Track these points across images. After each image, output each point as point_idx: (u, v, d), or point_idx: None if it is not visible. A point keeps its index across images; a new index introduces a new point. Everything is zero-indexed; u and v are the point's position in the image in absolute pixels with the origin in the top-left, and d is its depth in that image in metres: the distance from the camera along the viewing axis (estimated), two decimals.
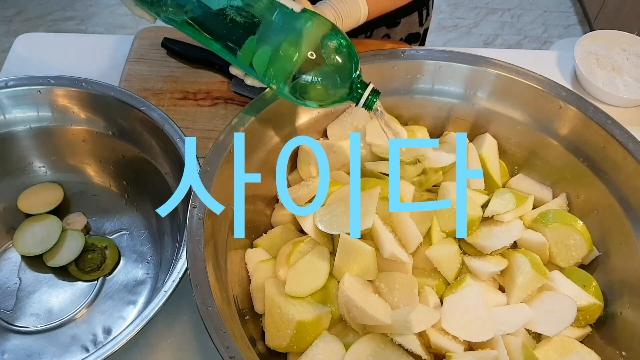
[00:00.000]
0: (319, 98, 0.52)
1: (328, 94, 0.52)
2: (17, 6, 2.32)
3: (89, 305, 0.67)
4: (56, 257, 0.70)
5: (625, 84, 0.87)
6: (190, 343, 0.62)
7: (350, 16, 0.63)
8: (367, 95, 0.53)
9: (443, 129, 0.74)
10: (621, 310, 0.59)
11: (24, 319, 0.66)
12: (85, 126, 0.72)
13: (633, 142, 0.61)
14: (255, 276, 0.61)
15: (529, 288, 0.59)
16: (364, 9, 0.64)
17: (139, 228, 0.74)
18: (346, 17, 0.63)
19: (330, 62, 0.50)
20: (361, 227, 0.59)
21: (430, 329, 0.55)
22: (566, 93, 0.65)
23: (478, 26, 2.29)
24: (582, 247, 0.63)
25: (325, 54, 0.50)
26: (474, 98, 0.70)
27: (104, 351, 0.51)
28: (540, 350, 0.56)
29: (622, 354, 0.56)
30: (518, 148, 0.70)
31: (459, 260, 0.61)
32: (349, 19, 0.63)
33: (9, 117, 0.71)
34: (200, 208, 0.55)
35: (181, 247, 0.59)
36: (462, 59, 0.68)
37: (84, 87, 0.69)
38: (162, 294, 0.55)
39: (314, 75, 0.50)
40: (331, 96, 0.52)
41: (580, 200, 0.66)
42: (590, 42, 0.92)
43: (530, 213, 0.66)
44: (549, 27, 2.31)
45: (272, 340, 0.56)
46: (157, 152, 0.69)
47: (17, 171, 0.75)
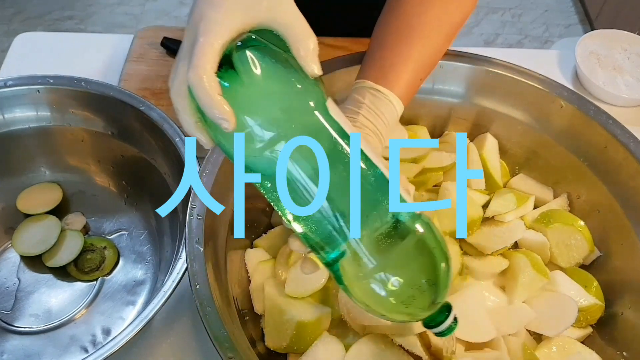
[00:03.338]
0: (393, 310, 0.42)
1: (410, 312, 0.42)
2: (16, 6, 2.32)
3: (88, 305, 0.67)
4: (55, 257, 0.69)
5: (627, 83, 0.87)
6: (189, 344, 0.62)
7: (387, 126, 0.53)
8: (449, 322, 0.43)
9: (443, 129, 0.73)
10: (622, 311, 0.59)
11: (23, 319, 0.66)
12: (85, 126, 0.72)
13: (634, 142, 0.61)
14: (255, 276, 0.61)
15: (529, 288, 0.59)
16: (399, 107, 0.54)
17: (138, 228, 0.73)
18: (384, 131, 0.53)
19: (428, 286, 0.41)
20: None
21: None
22: (567, 92, 0.65)
23: (479, 25, 2.29)
24: (583, 247, 0.62)
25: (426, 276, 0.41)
26: (475, 98, 0.70)
27: (103, 352, 0.51)
28: (541, 351, 0.56)
29: (623, 355, 0.56)
30: (519, 148, 0.70)
31: (459, 261, 0.61)
32: (387, 132, 0.53)
33: (8, 117, 0.71)
34: (199, 208, 0.55)
35: (181, 247, 0.59)
36: (463, 59, 0.68)
37: (83, 86, 0.69)
38: (162, 294, 0.54)
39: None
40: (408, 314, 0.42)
41: (582, 200, 0.66)
42: (591, 41, 0.91)
43: (531, 213, 0.66)
44: (549, 27, 2.30)
45: (271, 341, 0.56)
46: (157, 151, 0.69)
47: (16, 171, 0.74)
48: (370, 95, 0.53)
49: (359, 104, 0.53)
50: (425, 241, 0.41)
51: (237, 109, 0.37)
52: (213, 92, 0.36)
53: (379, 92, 0.53)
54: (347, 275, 0.41)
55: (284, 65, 0.38)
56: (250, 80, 0.38)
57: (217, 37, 0.37)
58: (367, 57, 0.58)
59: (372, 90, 0.53)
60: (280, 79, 0.38)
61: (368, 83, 0.54)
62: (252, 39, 0.39)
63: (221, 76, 0.37)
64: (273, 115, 0.38)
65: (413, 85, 0.56)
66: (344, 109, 0.53)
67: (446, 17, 0.58)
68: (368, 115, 0.52)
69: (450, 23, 0.59)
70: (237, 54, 0.38)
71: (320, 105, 0.39)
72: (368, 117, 0.52)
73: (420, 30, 0.57)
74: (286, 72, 0.38)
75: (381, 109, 0.53)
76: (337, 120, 0.40)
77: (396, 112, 0.54)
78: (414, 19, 0.57)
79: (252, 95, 0.38)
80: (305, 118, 0.38)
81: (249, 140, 0.38)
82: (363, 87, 0.54)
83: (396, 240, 0.40)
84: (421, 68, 0.57)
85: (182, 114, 0.39)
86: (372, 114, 0.52)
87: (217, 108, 0.36)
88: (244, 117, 0.37)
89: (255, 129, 0.37)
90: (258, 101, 0.38)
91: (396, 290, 0.40)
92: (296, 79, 0.38)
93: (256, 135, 0.38)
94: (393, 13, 0.59)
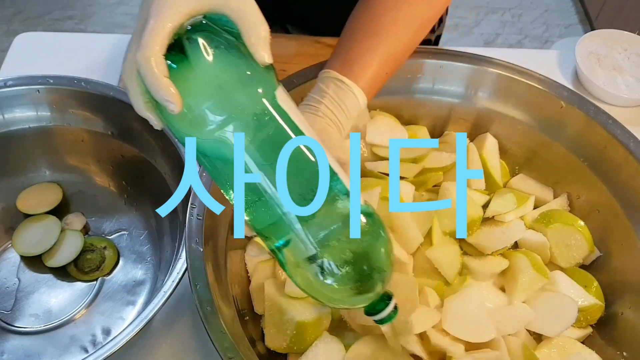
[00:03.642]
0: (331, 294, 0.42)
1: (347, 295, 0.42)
2: (16, 5, 2.32)
3: (88, 305, 0.67)
4: (55, 257, 0.69)
5: (627, 83, 0.87)
6: (189, 344, 0.62)
7: (348, 117, 0.54)
8: (389, 310, 0.44)
9: (443, 129, 0.73)
10: (622, 311, 0.59)
11: (23, 319, 0.66)
12: (85, 126, 0.72)
13: (634, 142, 0.61)
14: (255, 276, 0.61)
15: (529, 288, 0.59)
16: (362, 99, 0.55)
17: (138, 228, 0.73)
18: (345, 122, 0.54)
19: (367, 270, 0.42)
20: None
21: (430, 329, 0.55)
22: (567, 93, 0.65)
23: (479, 25, 2.29)
24: (583, 247, 0.62)
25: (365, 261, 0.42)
26: (475, 98, 0.70)
27: (103, 352, 0.51)
28: (541, 351, 0.56)
29: (623, 355, 0.56)
30: (519, 148, 0.70)
31: (459, 261, 0.61)
32: (348, 123, 0.54)
33: (8, 117, 0.71)
34: (199, 208, 0.55)
35: (180, 247, 0.58)
36: (463, 59, 0.68)
37: (83, 86, 0.69)
38: (162, 294, 0.54)
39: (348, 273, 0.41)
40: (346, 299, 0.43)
41: (581, 200, 0.66)
42: (591, 41, 0.91)
43: (531, 213, 0.66)
44: (549, 27, 2.30)
45: (271, 341, 0.56)
46: (157, 151, 0.69)
47: (16, 171, 0.74)
48: (334, 86, 0.54)
49: (323, 94, 0.53)
50: (366, 231, 0.41)
51: (184, 92, 0.37)
52: (160, 73, 0.36)
53: (343, 84, 0.54)
54: (291, 262, 0.42)
55: (234, 52, 0.39)
56: (199, 64, 0.38)
57: (168, 20, 0.37)
58: (336, 48, 0.59)
59: (336, 81, 0.54)
60: (228, 65, 0.38)
61: (333, 73, 0.54)
62: (203, 24, 0.39)
63: (170, 59, 0.38)
64: (219, 100, 0.38)
65: (378, 79, 0.57)
66: (308, 98, 0.54)
67: (416, 14, 0.58)
68: (330, 105, 0.53)
69: (421, 19, 0.59)
70: (187, 37, 0.38)
71: (268, 93, 0.39)
72: (330, 107, 0.53)
73: (388, 25, 0.57)
74: (236, 58, 0.38)
75: (344, 100, 0.53)
76: (285, 110, 0.40)
77: (359, 104, 0.55)
78: (384, 14, 0.57)
79: (200, 79, 0.38)
80: (253, 105, 0.39)
81: (195, 123, 0.38)
82: (328, 77, 0.55)
83: (338, 230, 0.41)
84: (388, 62, 0.57)
85: (132, 94, 0.40)
86: (334, 105, 0.53)
87: (163, 90, 0.36)
88: (191, 101, 0.38)
89: (201, 112, 0.38)
90: (205, 85, 0.38)
91: (337, 278, 0.41)
92: (246, 65, 0.39)
93: (202, 119, 0.38)
94: (364, 8, 0.59)
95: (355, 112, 0.55)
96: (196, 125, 0.38)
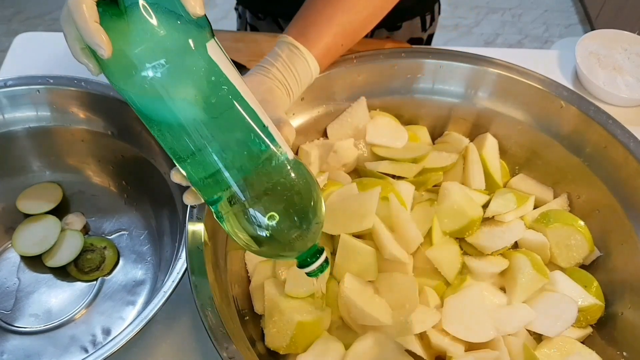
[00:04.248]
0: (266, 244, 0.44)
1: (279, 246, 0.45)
2: (16, 5, 2.32)
3: (88, 305, 0.67)
4: (55, 257, 0.69)
5: (627, 83, 0.87)
6: (189, 344, 0.62)
7: (299, 82, 0.56)
8: (320, 262, 0.47)
9: (443, 129, 0.73)
10: (622, 311, 0.59)
11: (23, 319, 0.66)
12: (85, 126, 0.72)
13: (634, 142, 0.61)
14: (255, 276, 0.61)
15: (529, 288, 0.59)
16: (313, 66, 0.57)
17: (138, 228, 0.73)
18: (295, 86, 0.56)
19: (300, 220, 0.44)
20: (361, 227, 0.59)
21: (430, 329, 0.55)
22: (567, 93, 0.65)
23: (479, 25, 2.29)
24: (583, 247, 0.62)
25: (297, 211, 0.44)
26: (475, 98, 0.70)
27: (103, 352, 0.51)
28: (541, 351, 0.56)
29: (623, 355, 0.56)
30: (519, 148, 0.70)
31: (459, 261, 0.61)
32: (298, 87, 0.57)
33: (8, 117, 0.71)
34: (199, 208, 0.55)
35: (180, 247, 0.59)
36: (463, 59, 0.68)
37: (83, 86, 0.69)
38: (162, 294, 0.54)
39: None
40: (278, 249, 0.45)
41: (581, 200, 0.66)
42: (591, 41, 0.91)
43: (531, 213, 0.66)
44: (549, 27, 2.30)
45: (272, 341, 0.56)
46: (156, 151, 0.69)
47: (16, 171, 0.75)
48: (288, 51, 0.56)
49: (277, 57, 0.56)
50: (295, 181, 0.44)
51: (115, 38, 0.38)
52: (90, 19, 0.38)
53: (297, 50, 0.56)
54: (226, 215, 0.44)
55: (167, 3, 0.40)
56: (130, 12, 0.39)
57: None
58: (296, 15, 0.60)
59: (291, 46, 0.56)
60: (160, 14, 0.39)
61: (289, 39, 0.57)
62: None
63: (102, 6, 0.39)
64: (149, 47, 0.39)
65: (333, 50, 0.59)
66: (263, 61, 0.56)
67: None
68: (282, 68, 0.55)
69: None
70: None
71: (199, 43, 0.40)
72: (281, 71, 0.55)
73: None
74: (168, 9, 0.40)
75: (296, 66, 0.56)
76: (216, 61, 0.41)
77: (310, 71, 0.57)
78: None
79: (130, 26, 0.39)
80: (181, 53, 0.40)
81: (126, 70, 0.39)
82: (284, 42, 0.57)
83: (268, 181, 0.43)
84: (343, 34, 0.59)
85: (69, 40, 0.41)
86: (285, 68, 0.55)
87: (94, 35, 0.38)
88: (121, 47, 0.39)
89: (132, 59, 0.39)
90: (136, 32, 0.39)
91: (269, 227, 0.43)
92: (176, 16, 0.40)
93: (133, 65, 0.39)
94: None
95: (307, 79, 0.57)
96: (127, 73, 0.40)
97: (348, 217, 0.59)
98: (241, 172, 0.42)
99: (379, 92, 0.70)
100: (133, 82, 0.40)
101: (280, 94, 0.55)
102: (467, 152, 0.68)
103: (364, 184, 0.64)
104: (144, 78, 0.39)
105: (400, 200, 0.62)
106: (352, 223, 0.59)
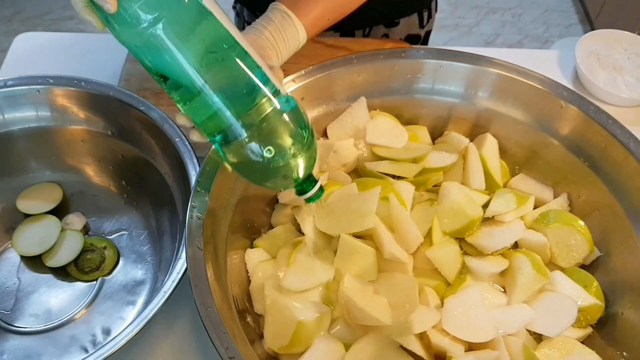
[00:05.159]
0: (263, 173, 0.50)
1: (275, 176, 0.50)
2: (16, 5, 2.32)
3: (88, 305, 0.67)
4: (55, 257, 0.69)
5: (627, 83, 0.87)
6: (189, 344, 0.62)
7: (287, 47, 0.60)
8: (315, 189, 0.53)
9: (443, 129, 0.73)
10: (622, 311, 0.59)
11: (23, 319, 0.66)
12: (85, 126, 0.72)
13: (634, 142, 0.61)
14: (255, 276, 0.61)
15: (529, 288, 0.59)
16: (302, 34, 0.61)
17: (138, 228, 0.73)
18: (284, 50, 0.60)
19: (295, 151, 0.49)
20: (361, 227, 0.59)
21: (430, 329, 0.55)
22: (567, 93, 0.65)
23: (479, 25, 2.29)
24: (583, 247, 0.62)
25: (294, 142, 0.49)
26: (475, 98, 0.69)
27: (103, 352, 0.51)
28: (541, 351, 0.56)
29: (623, 355, 0.56)
30: (519, 148, 0.70)
31: (459, 261, 0.61)
32: (287, 51, 0.61)
33: (8, 117, 0.71)
34: (199, 208, 0.55)
35: (180, 247, 0.59)
36: (463, 59, 0.67)
37: (83, 86, 0.69)
38: (162, 294, 0.54)
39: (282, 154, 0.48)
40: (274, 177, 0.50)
41: (581, 200, 0.66)
42: (591, 41, 0.91)
43: (531, 213, 0.66)
44: (549, 27, 2.30)
45: (272, 341, 0.56)
46: (157, 151, 0.69)
47: (16, 171, 0.75)
48: (280, 17, 0.60)
49: (269, 21, 0.60)
50: (291, 117, 0.49)
51: None
52: None
53: (288, 17, 0.60)
54: (229, 151, 0.49)
55: None
56: None
57: None
58: None
59: (283, 13, 0.60)
60: None
61: (282, 6, 0.61)
62: None
63: None
64: (149, 1, 0.43)
65: (320, 22, 0.63)
66: (255, 23, 0.60)
67: None
68: (274, 32, 0.59)
69: None
70: None
71: None
72: (273, 34, 0.59)
73: None
74: None
75: (286, 31, 0.60)
76: (211, 10, 0.46)
77: (299, 38, 0.61)
78: None
79: None
80: (179, 5, 0.44)
81: (130, 23, 0.43)
82: (277, 8, 0.61)
83: (267, 118, 0.48)
84: (332, 8, 0.64)
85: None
86: (277, 32, 0.60)
87: None
88: (125, 2, 0.42)
89: (134, 11, 0.43)
90: None
91: (269, 159, 0.48)
92: None
93: (136, 18, 0.43)
94: None
95: (294, 45, 0.61)
96: (131, 25, 0.43)
97: (348, 217, 0.59)
98: (239, 108, 0.47)
99: (379, 92, 0.70)
100: (136, 34, 0.44)
101: (271, 54, 0.59)
102: (467, 152, 0.68)
103: (364, 184, 0.64)
104: (146, 29, 0.43)
105: (400, 200, 0.62)
106: (352, 223, 0.59)
